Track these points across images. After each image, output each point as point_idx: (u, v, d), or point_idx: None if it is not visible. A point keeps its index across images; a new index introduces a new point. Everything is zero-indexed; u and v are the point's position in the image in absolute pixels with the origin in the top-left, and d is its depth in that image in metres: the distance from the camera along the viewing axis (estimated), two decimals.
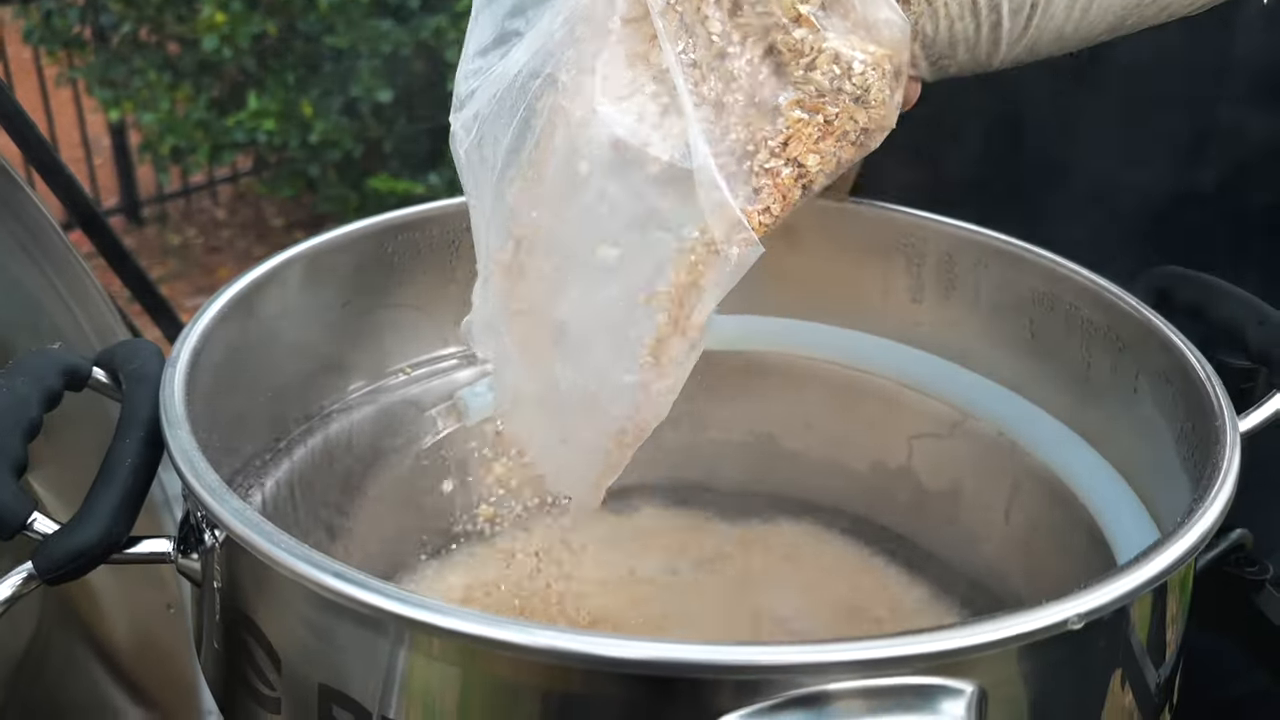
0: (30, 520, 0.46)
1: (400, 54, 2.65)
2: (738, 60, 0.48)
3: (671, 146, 0.48)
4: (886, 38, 0.49)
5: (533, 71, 0.49)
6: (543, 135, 0.50)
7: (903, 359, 0.72)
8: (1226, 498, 0.45)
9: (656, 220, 0.49)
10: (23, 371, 0.51)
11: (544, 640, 0.37)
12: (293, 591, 0.42)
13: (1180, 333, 0.57)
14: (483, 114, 0.51)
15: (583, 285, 0.51)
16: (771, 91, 0.48)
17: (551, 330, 0.52)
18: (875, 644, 0.36)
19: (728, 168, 0.48)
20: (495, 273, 0.53)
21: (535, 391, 0.55)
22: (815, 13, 0.47)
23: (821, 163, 0.49)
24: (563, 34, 0.49)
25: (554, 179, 0.50)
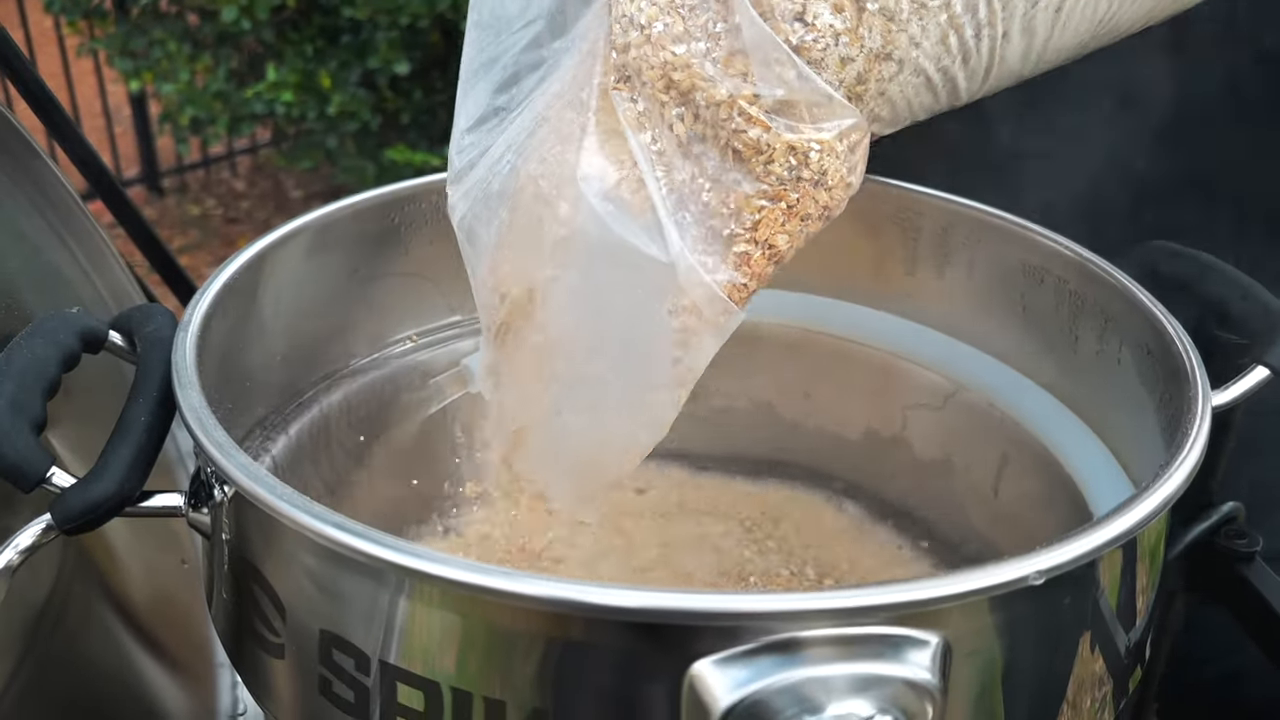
0: (49, 474, 0.48)
1: (418, 26, 2.66)
2: (703, 155, 0.50)
3: (649, 235, 0.50)
4: (840, 127, 0.50)
5: (517, 155, 0.53)
6: (530, 218, 0.53)
7: (898, 331, 0.74)
8: (1191, 466, 0.47)
9: (642, 294, 0.51)
10: (42, 334, 0.53)
11: (534, 588, 0.39)
12: (296, 543, 0.44)
13: (1162, 306, 0.59)
14: (475, 193, 0.54)
15: (575, 350, 0.54)
16: (735, 181, 0.50)
17: (548, 379, 0.56)
18: (843, 594, 0.38)
19: (702, 250, 0.50)
20: (491, 330, 0.57)
21: (533, 424, 0.58)
22: (765, 115, 0.49)
23: (790, 240, 0.52)
24: (543, 122, 0.51)
25: (543, 257, 0.53)
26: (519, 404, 0.58)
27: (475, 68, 0.55)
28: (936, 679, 0.39)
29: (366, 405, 0.71)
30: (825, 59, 0.49)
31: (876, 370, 0.75)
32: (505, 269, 0.55)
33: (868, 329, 0.75)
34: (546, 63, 0.54)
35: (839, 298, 0.75)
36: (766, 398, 0.79)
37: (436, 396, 0.74)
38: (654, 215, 0.50)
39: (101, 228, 0.73)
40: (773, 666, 0.38)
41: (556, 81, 0.53)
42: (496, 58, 0.54)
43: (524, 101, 0.54)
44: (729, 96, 0.48)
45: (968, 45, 0.51)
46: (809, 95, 0.48)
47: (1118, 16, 0.55)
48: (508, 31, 0.54)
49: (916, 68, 0.51)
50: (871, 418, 0.76)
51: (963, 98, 0.54)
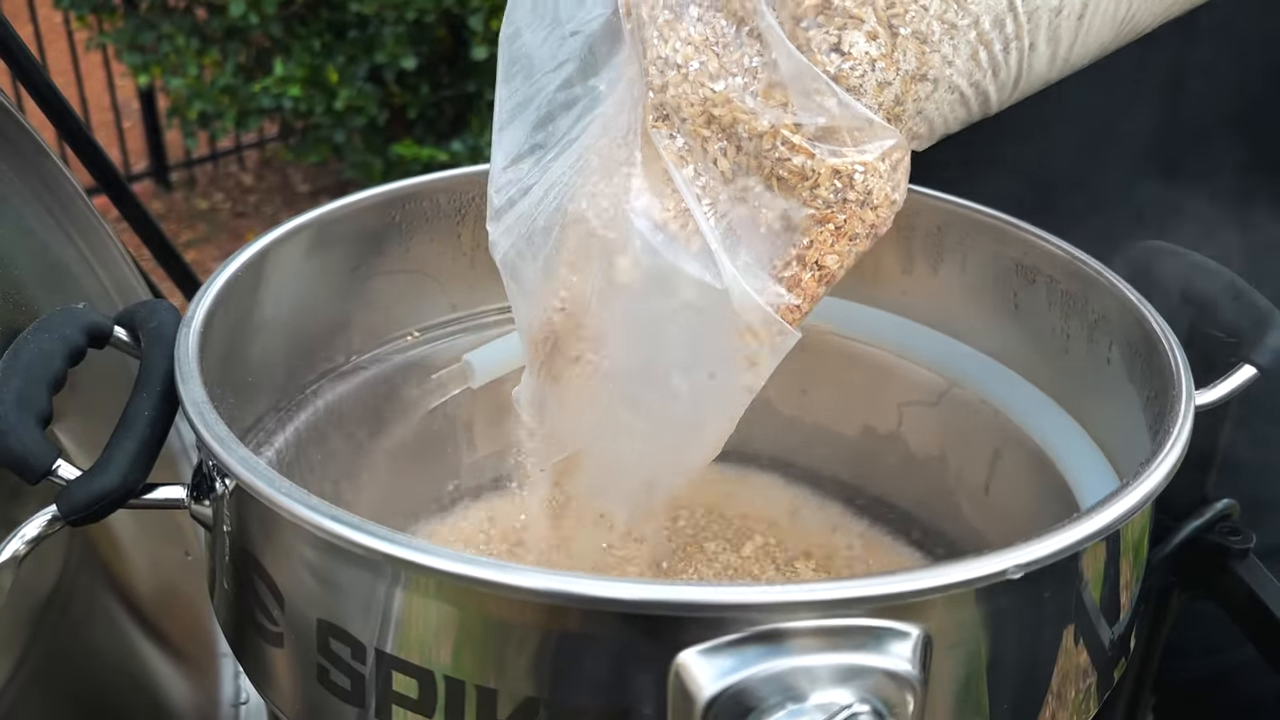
0: (55, 466, 0.49)
1: (424, 21, 2.67)
2: (748, 185, 0.51)
3: (701, 264, 0.51)
4: (882, 148, 0.51)
5: (562, 192, 0.54)
6: (579, 253, 0.54)
7: (893, 328, 0.75)
8: (1172, 464, 0.48)
9: (698, 321, 0.53)
10: (48, 329, 0.54)
11: (525, 580, 0.40)
12: (295, 535, 0.45)
13: (1150, 305, 0.59)
14: (517, 230, 0.56)
15: (631, 378, 0.56)
16: (782, 208, 0.51)
17: (604, 407, 0.57)
18: (825, 586, 0.39)
19: (754, 275, 0.52)
20: (536, 362, 0.58)
21: (588, 449, 0.60)
22: (808, 143, 0.50)
23: (840, 260, 0.53)
24: (587, 159, 0.53)
25: (593, 289, 0.54)
26: (571, 431, 0.59)
27: (510, 108, 0.56)
28: (917, 670, 0.40)
29: (368, 400, 0.72)
30: (863, 85, 0.50)
31: (873, 367, 0.76)
32: (553, 303, 0.56)
33: (864, 327, 0.76)
34: (581, 101, 0.55)
35: (836, 295, 0.76)
36: (764, 394, 0.80)
37: (437, 391, 0.75)
38: (704, 244, 0.51)
39: (107, 222, 0.74)
40: (757, 656, 0.39)
41: (598, 120, 0.54)
42: (530, 98, 0.56)
43: (562, 139, 0.55)
44: (771, 127, 0.50)
45: (997, 59, 0.52)
46: (850, 121, 0.50)
47: (1138, 16, 0.56)
48: (540, 73, 0.55)
49: (950, 85, 0.52)
50: (868, 414, 0.77)
51: (993, 108, 0.56)
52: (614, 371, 0.56)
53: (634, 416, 0.57)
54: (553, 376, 0.58)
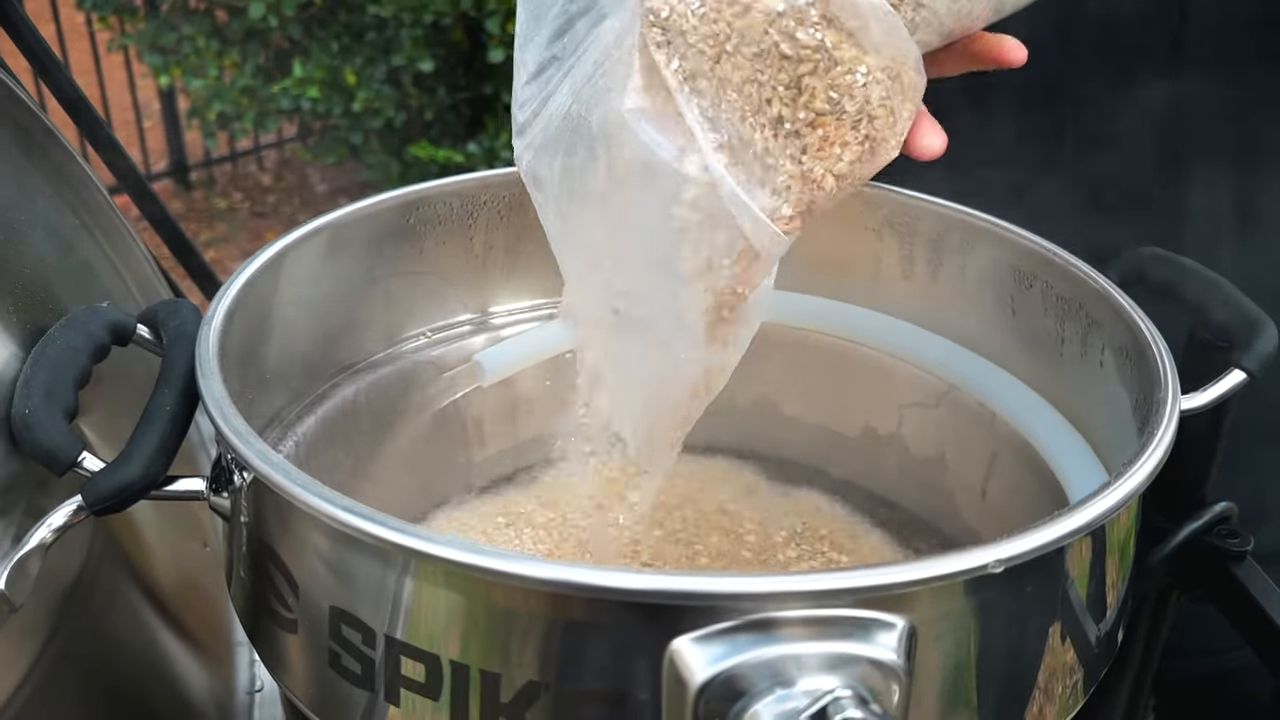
0: (80, 459, 0.52)
1: (442, 24, 2.70)
2: (745, 94, 0.52)
3: (694, 164, 0.52)
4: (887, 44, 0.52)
5: (574, 99, 0.55)
6: (584, 155, 0.55)
7: (894, 332, 0.76)
8: (1152, 467, 0.49)
9: (681, 215, 0.54)
10: (74, 327, 0.56)
11: (528, 569, 0.42)
12: (309, 525, 0.47)
13: (1141, 311, 0.61)
14: (537, 141, 0.56)
15: (640, 283, 0.57)
16: (776, 114, 0.52)
17: (619, 322, 0.59)
18: (814, 577, 0.41)
19: (745, 179, 0.53)
20: (568, 275, 0.59)
21: (611, 370, 0.61)
22: (812, 29, 0.51)
23: (826, 168, 0.53)
24: (599, 66, 0.54)
25: (603, 197, 0.56)
26: (590, 339, 0.61)
27: (527, 20, 0.56)
28: (902, 660, 0.42)
29: (381, 398, 0.74)
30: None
31: (874, 369, 0.77)
32: (572, 209, 0.57)
33: (866, 329, 0.77)
34: (594, 9, 0.55)
35: (838, 299, 0.78)
36: (768, 394, 0.82)
37: (449, 390, 0.77)
38: (697, 145, 0.52)
39: (129, 221, 0.77)
40: (748, 644, 0.41)
41: (609, 31, 0.54)
42: (547, 8, 0.56)
43: (578, 48, 0.56)
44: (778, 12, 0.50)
45: None
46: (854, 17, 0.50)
47: None
48: None
49: None
50: (869, 415, 0.79)
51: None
52: (612, 272, 0.57)
53: (637, 330, 0.58)
54: (575, 287, 0.60)
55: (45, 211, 0.67)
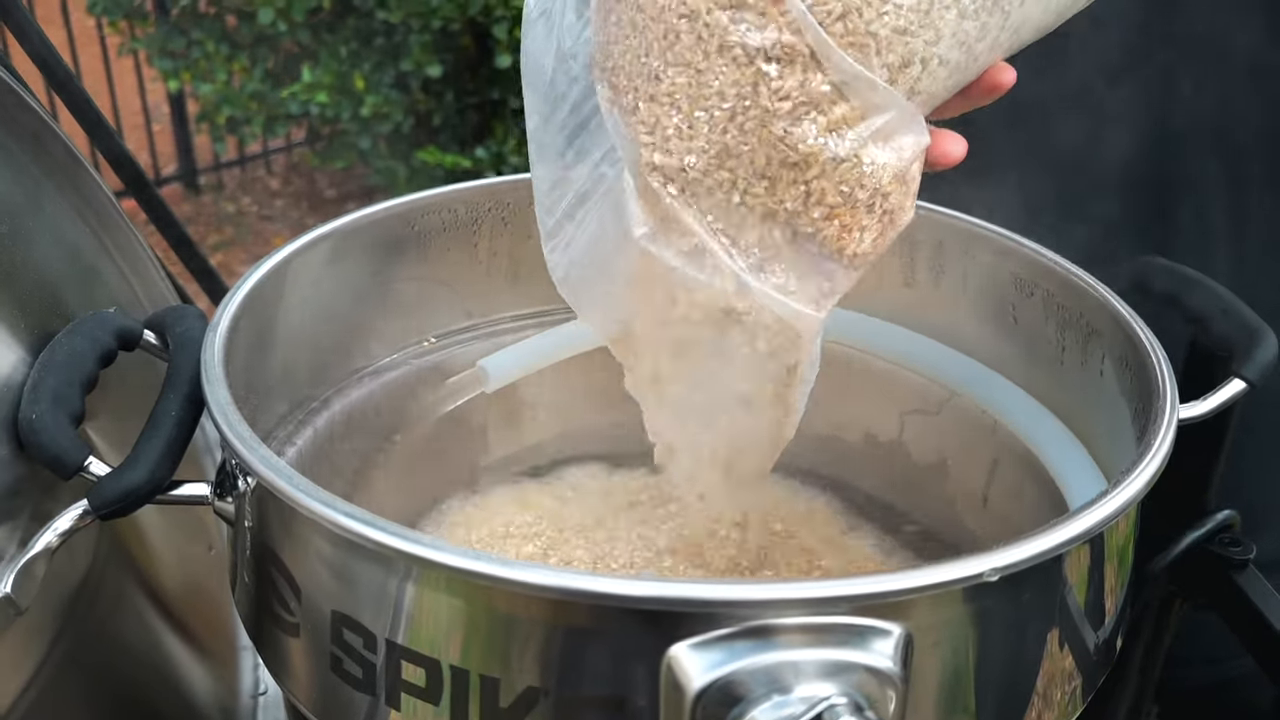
0: (86, 463, 0.52)
1: (450, 30, 2.71)
2: (756, 208, 0.51)
3: (721, 276, 0.52)
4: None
5: (588, 211, 0.56)
6: (603, 271, 0.56)
7: (896, 339, 0.77)
8: (1148, 478, 0.49)
9: (735, 333, 0.54)
10: (81, 332, 0.57)
11: (527, 575, 0.42)
12: (312, 530, 0.48)
13: (1141, 320, 0.61)
14: (570, 252, 0.57)
15: (681, 383, 0.58)
16: (795, 220, 0.51)
17: (684, 408, 0.59)
18: (811, 585, 0.41)
19: (775, 279, 0.53)
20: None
21: (684, 447, 0.62)
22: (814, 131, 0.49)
23: (863, 258, 0.53)
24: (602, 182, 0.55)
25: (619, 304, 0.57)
26: (657, 424, 0.62)
27: (536, 126, 0.57)
28: (898, 667, 0.42)
29: (386, 403, 0.75)
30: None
31: (876, 376, 0.78)
32: (597, 318, 0.58)
33: (868, 336, 0.77)
34: (594, 119, 0.55)
35: (841, 306, 0.77)
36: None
37: (453, 396, 0.77)
38: (720, 262, 0.52)
39: (136, 227, 0.77)
40: (746, 650, 0.41)
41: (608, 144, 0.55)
42: (554, 113, 0.56)
43: (586, 156, 0.56)
44: (778, 113, 0.48)
45: (986, 25, 0.50)
46: (860, 93, 0.48)
47: None
48: (556, 94, 0.56)
49: (941, 60, 0.50)
50: (871, 422, 0.79)
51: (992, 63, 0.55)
52: (666, 379, 0.58)
53: (702, 414, 0.59)
54: (631, 380, 0.61)
55: (53, 217, 0.68)
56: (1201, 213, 0.80)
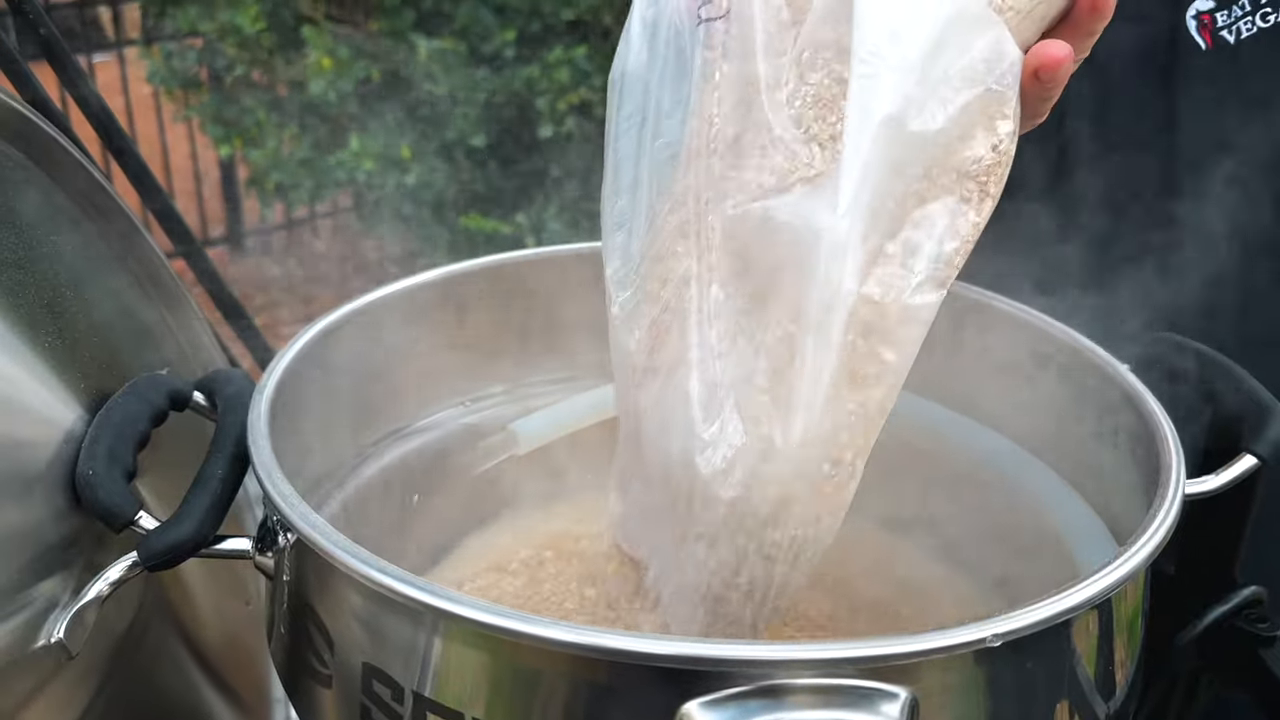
0: (137, 517, 0.55)
1: (494, 101, 2.78)
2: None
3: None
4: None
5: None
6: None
7: (919, 410, 0.78)
8: (1150, 550, 0.51)
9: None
10: (136, 393, 0.60)
11: (550, 632, 0.44)
12: (346, 584, 0.50)
13: (1153, 395, 0.63)
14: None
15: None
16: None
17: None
18: (817, 647, 0.43)
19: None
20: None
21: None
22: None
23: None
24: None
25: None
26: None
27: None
28: None
29: (422, 463, 0.77)
30: None
31: (895, 448, 0.79)
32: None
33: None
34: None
35: None
36: None
37: (485, 457, 0.80)
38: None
39: (187, 290, 0.81)
40: (757, 709, 0.43)
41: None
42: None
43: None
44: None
45: None
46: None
47: None
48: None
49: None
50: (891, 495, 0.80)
51: None
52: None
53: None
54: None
55: (110, 280, 0.72)
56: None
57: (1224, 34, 0.84)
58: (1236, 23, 0.84)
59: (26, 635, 0.54)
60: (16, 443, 0.55)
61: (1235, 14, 0.84)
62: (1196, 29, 0.85)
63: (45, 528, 0.56)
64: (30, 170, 0.68)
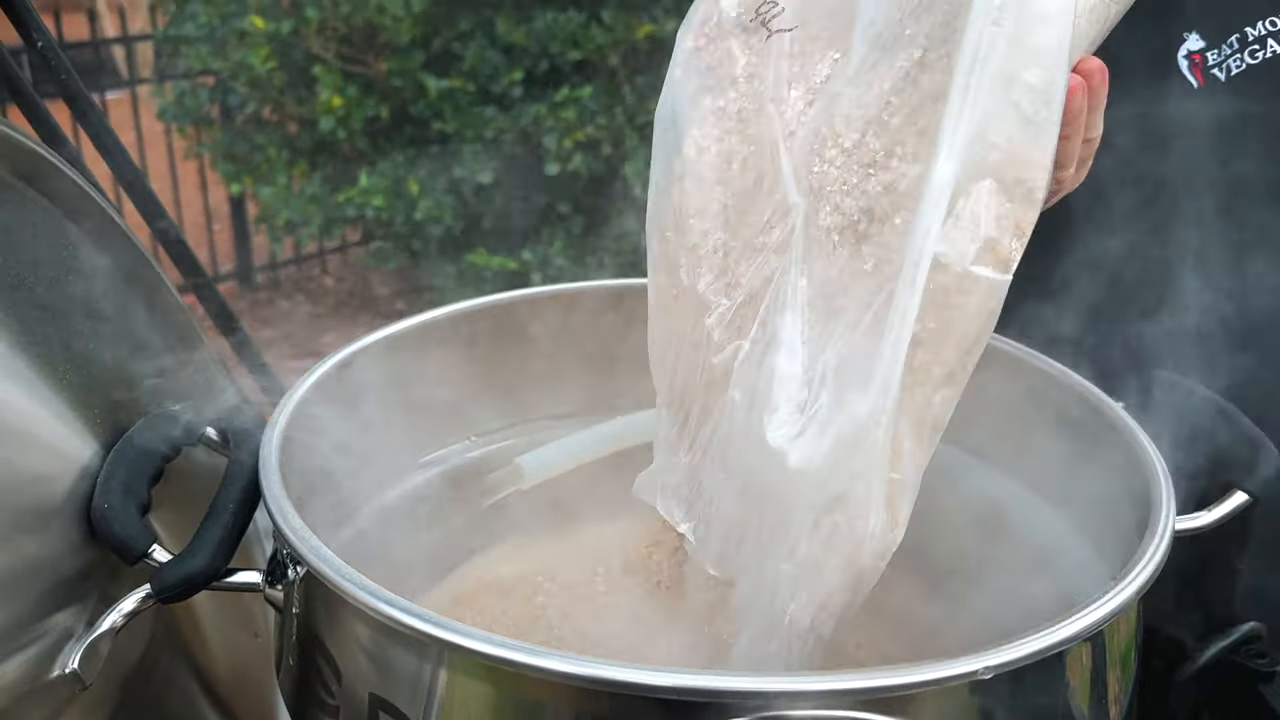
0: (150, 550, 0.56)
1: (501, 139, 2.81)
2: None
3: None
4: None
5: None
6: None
7: None
8: (1139, 585, 0.52)
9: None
10: (150, 428, 0.62)
11: (554, 664, 0.45)
12: (354, 616, 0.51)
13: (1146, 434, 0.64)
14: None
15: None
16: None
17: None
18: (815, 678, 0.44)
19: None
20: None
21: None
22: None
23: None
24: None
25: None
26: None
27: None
28: None
29: (428, 496, 0.79)
30: None
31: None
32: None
33: None
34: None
35: None
36: None
37: (492, 490, 0.81)
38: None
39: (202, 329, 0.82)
40: None
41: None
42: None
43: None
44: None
45: None
46: None
47: None
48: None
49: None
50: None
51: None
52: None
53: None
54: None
55: (125, 318, 0.73)
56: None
57: (1215, 72, 0.86)
58: (1226, 60, 0.86)
59: (42, 665, 0.55)
60: (35, 477, 0.57)
61: (1225, 52, 0.86)
62: (1188, 68, 0.87)
63: (61, 560, 0.57)
64: (49, 211, 0.69)
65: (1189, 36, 0.87)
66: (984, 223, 0.53)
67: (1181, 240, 0.85)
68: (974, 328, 0.55)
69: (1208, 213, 0.84)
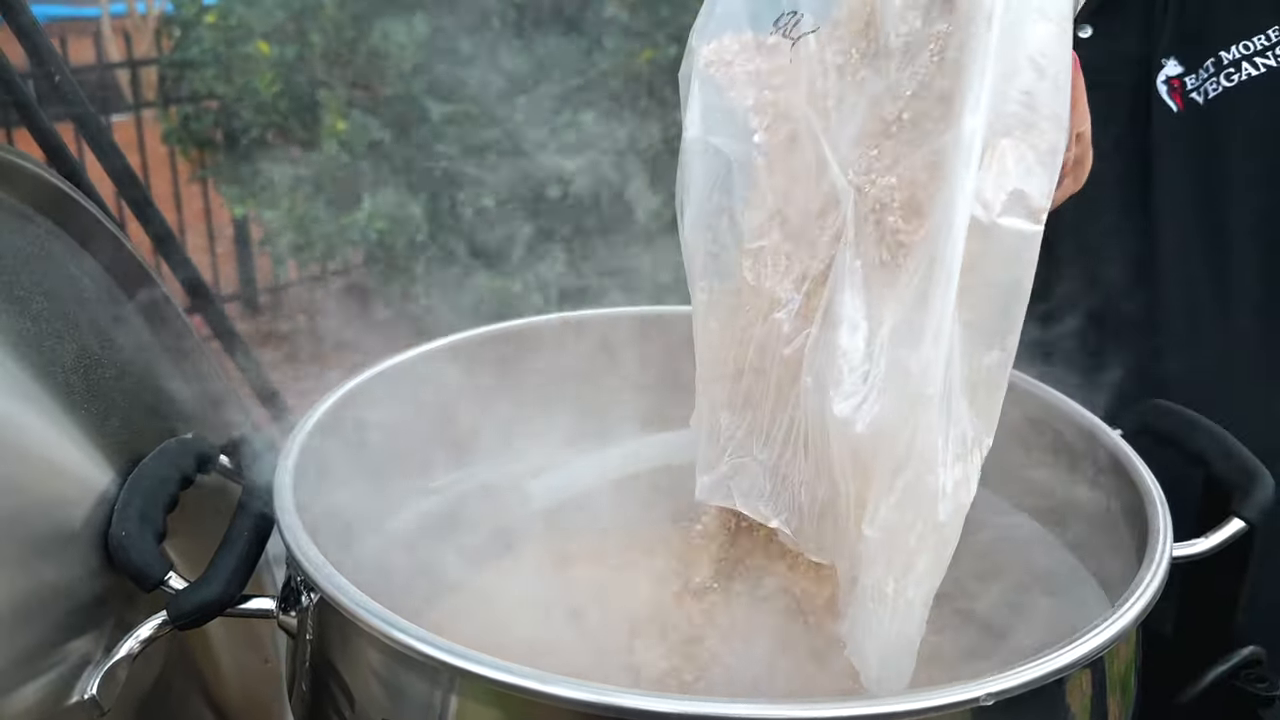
0: (167, 577, 0.57)
1: (503, 163, 2.83)
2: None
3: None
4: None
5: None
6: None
7: None
8: (1137, 612, 0.53)
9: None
10: (165, 457, 0.63)
11: (562, 690, 0.47)
12: (368, 642, 0.52)
13: (1143, 462, 0.65)
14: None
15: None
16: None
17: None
18: (814, 705, 0.45)
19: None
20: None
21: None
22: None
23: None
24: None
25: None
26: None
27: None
28: None
29: (438, 521, 0.80)
30: None
31: None
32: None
33: None
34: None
35: None
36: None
37: (500, 514, 0.82)
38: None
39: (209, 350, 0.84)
40: None
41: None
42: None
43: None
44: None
45: None
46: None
47: None
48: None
49: None
50: None
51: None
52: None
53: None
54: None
55: (140, 346, 0.74)
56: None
57: (1194, 95, 0.88)
58: (1204, 84, 0.88)
59: (61, 691, 0.56)
60: (54, 504, 0.58)
61: (1202, 76, 0.88)
62: (1167, 93, 0.89)
63: (79, 585, 0.58)
64: (65, 240, 0.71)
65: (1167, 62, 0.89)
66: (1013, 174, 0.55)
67: (1166, 262, 0.86)
68: (1009, 277, 0.56)
69: (1192, 236, 0.85)
